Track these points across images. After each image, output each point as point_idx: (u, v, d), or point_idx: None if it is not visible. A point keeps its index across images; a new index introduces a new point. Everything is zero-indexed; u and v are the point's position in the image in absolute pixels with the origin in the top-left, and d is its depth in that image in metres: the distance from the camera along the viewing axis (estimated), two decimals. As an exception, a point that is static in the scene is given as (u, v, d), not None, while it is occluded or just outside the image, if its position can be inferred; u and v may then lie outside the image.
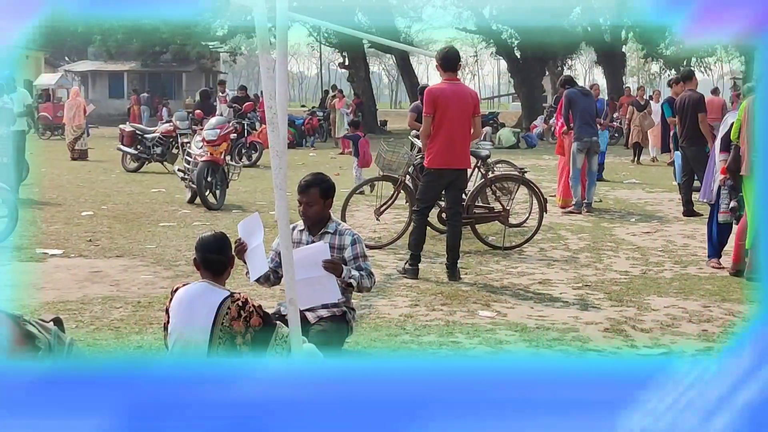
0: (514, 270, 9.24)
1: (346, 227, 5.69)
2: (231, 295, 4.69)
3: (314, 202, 5.61)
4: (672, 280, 8.74)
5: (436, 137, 8.66)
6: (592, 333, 6.85)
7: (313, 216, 5.61)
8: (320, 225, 5.62)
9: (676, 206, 13.94)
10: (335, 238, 5.58)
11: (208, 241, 4.86)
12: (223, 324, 4.58)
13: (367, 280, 5.53)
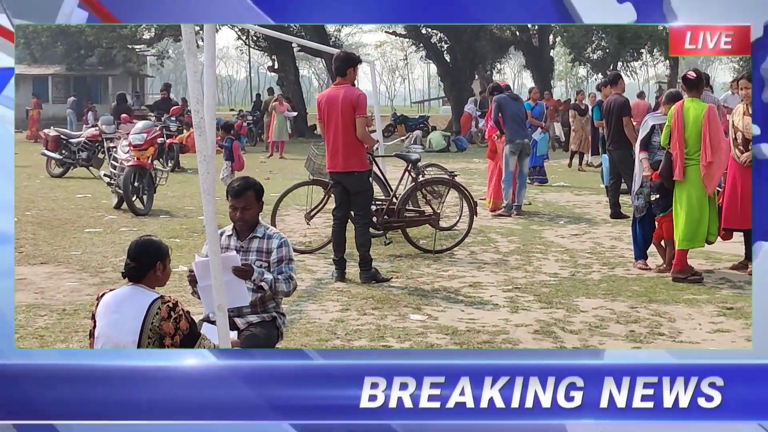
0: (444, 273, 9.27)
1: (275, 231, 5.63)
2: (161, 297, 4.63)
3: (251, 205, 5.53)
4: (600, 282, 8.84)
5: (326, 142, 8.93)
6: (522, 335, 6.90)
7: (250, 219, 5.53)
8: (249, 230, 5.54)
9: (603, 209, 14.11)
10: (263, 243, 5.51)
11: (129, 247, 4.78)
12: (153, 324, 4.52)
13: (283, 284, 5.45)
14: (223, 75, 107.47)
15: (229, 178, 14.87)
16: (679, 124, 8.74)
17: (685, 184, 8.75)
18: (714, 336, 6.92)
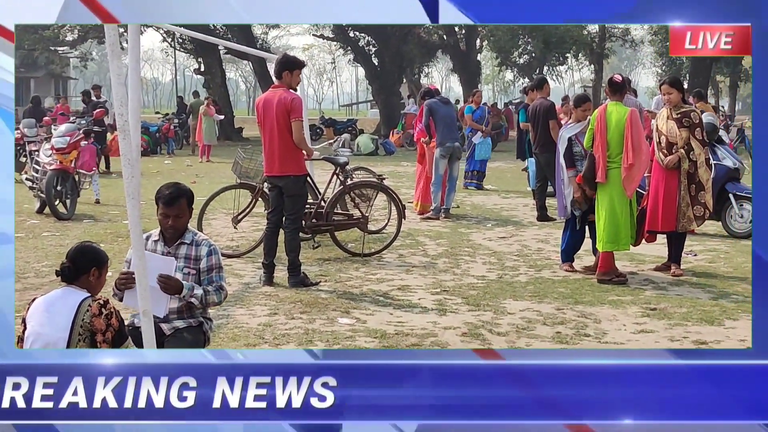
0: (373, 276, 9.27)
1: (204, 238, 5.52)
2: (92, 296, 4.59)
3: (183, 213, 5.40)
4: (527, 284, 8.92)
5: (263, 145, 8.93)
6: (450, 338, 6.93)
7: (181, 227, 5.42)
8: (178, 236, 5.43)
9: (530, 211, 14.25)
10: (192, 249, 5.41)
11: (70, 249, 4.78)
12: (84, 321, 4.48)
13: (214, 295, 5.37)
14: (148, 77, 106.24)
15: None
16: (601, 127, 8.88)
17: (606, 186, 8.89)
18: (638, 336, 7.03)
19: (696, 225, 9.32)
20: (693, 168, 9.15)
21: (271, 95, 8.83)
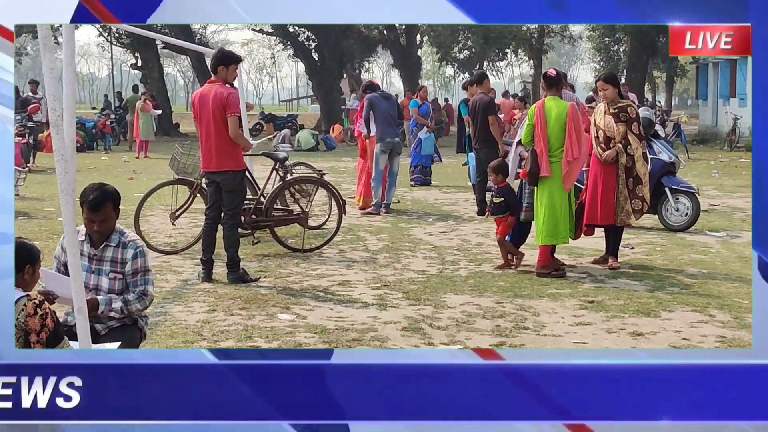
0: (313, 272, 9.23)
1: (131, 239, 5.38)
2: (27, 295, 4.51)
3: (109, 217, 5.29)
4: (467, 278, 8.95)
5: (200, 141, 8.86)
6: (390, 332, 6.93)
7: (107, 231, 5.32)
8: (103, 238, 5.32)
9: (471, 206, 14.32)
10: (118, 252, 5.30)
11: None
12: (18, 320, 4.39)
13: (137, 303, 5.26)
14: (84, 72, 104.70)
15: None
16: (541, 121, 8.93)
17: (546, 180, 8.95)
18: (576, 329, 7.09)
19: (634, 218, 9.45)
20: (630, 162, 9.26)
21: (207, 90, 8.75)
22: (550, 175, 8.90)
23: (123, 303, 5.20)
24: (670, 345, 6.61)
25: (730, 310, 7.63)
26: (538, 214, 9.07)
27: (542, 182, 8.97)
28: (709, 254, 10.30)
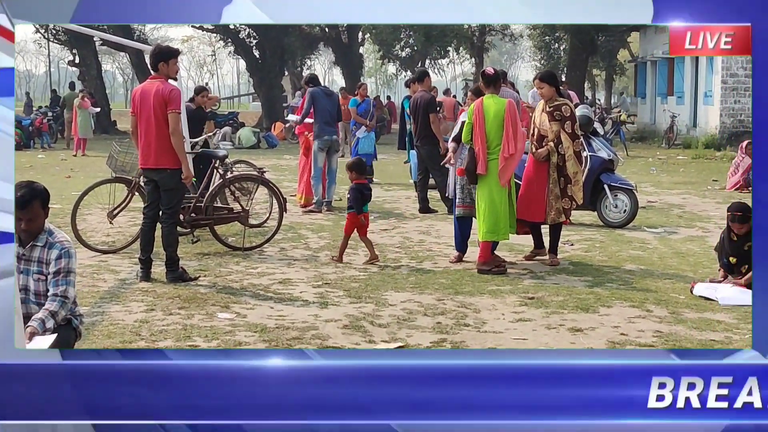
0: (254, 270, 9.16)
1: (59, 239, 5.25)
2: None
3: (37, 216, 5.17)
4: (408, 276, 8.95)
5: (139, 137, 8.70)
6: (331, 330, 6.89)
7: (35, 230, 5.19)
8: (31, 238, 5.20)
9: (412, 203, 14.33)
10: (44, 252, 5.17)
11: None
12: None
13: (61, 310, 5.07)
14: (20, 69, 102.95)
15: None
16: (479, 119, 8.97)
17: (486, 178, 8.99)
18: (516, 325, 7.12)
19: (564, 217, 9.50)
20: (562, 161, 9.34)
21: (148, 86, 8.63)
22: (487, 173, 8.94)
23: (52, 317, 5.06)
24: (608, 341, 6.66)
25: (667, 306, 7.72)
26: (479, 211, 9.11)
27: (482, 180, 9.01)
28: (646, 250, 10.42)
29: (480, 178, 9.03)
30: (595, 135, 12.53)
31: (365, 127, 17.62)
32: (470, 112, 9.10)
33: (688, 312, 7.51)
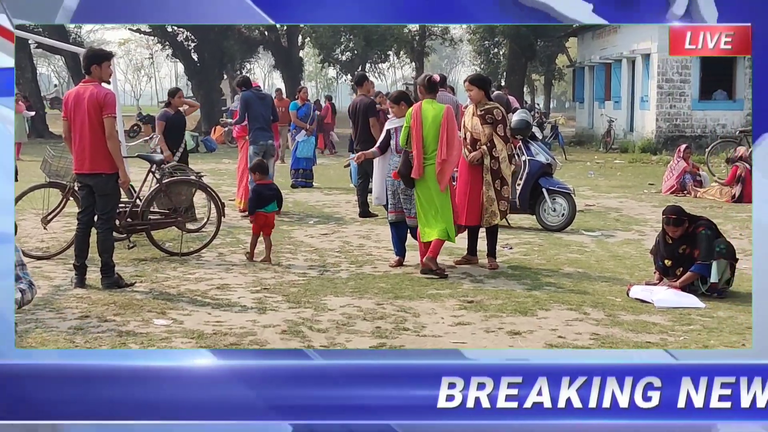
0: (191, 276, 9.06)
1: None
2: None
3: None
4: (348, 280, 8.92)
5: (73, 142, 8.55)
6: (269, 336, 6.84)
7: None
8: None
9: (353, 208, 14.29)
10: None
11: None
12: None
13: (29, 293, 5.08)
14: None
15: None
16: (417, 124, 8.97)
17: (424, 182, 8.99)
18: (455, 329, 7.12)
19: (499, 220, 9.53)
20: (496, 164, 9.38)
21: (82, 90, 8.48)
22: (423, 178, 8.95)
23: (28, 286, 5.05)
24: (546, 343, 6.70)
25: (603, 308, 7.78)
26: (424, 216, 9.04)
27: (422, 185, 9.00)
28: (584, 253, 10.51)
29: (418, 183, 9.01)
30: (534, 139, 12.62)
31: (305, 131, 17.55)
32: (408, 117, 9.10)
33: (624, 314, 7.58)
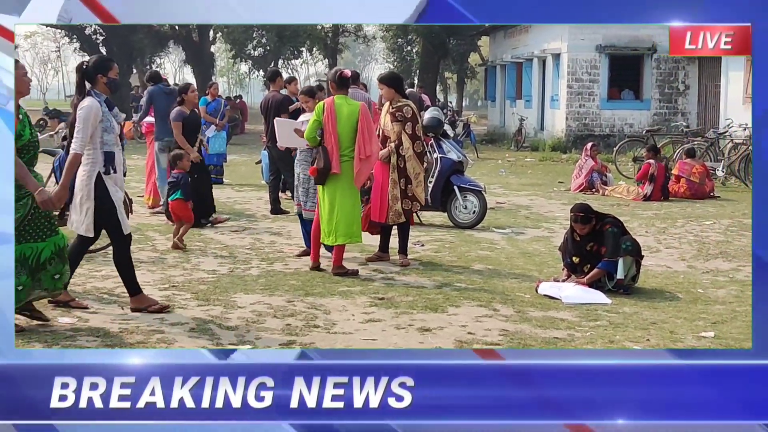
0: (98, 273, 8.88)
1: None
2: None
3: None
4: (258, 277, 8.84)
5: None
6: (177, 334, 6.73)
7: None
8: None
9: (264, 204, 14.19)
10: None
11: None
12: None
13: None
14: None
15: None
16: (332, 119, 8.87)
17: (338, 179, 8.91)
18: (366, 326, 7.11)
19: (404, 218, 9.53)
20: (402, 162, 9.40)
21: None
22: (340, 174, 8.88)
23: None
24: (456, 340, 6.73)
25: (513, 305, 7.86)
26: (329, 215, 8.96)
27: (333, 181, 8.92)
28: (495, 251, 10.60)
29: (334, 179, 8.91)
30: (446, 137, 12.69)
31: (215, 127, 17.35)
32: (319, 110, 8.99)
33: (533, 311, 7.67)
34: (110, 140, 7.16)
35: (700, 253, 10.69)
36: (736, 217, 13.80)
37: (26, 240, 6.61)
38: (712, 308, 7.92)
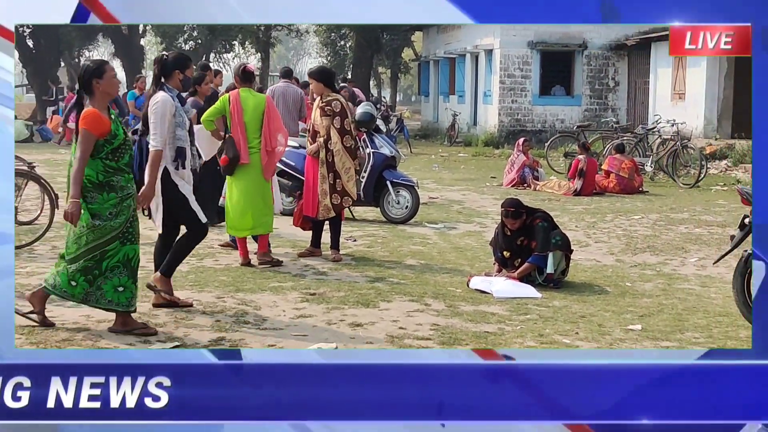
0: (22, 270, 8.69)
1: None
2: None
3: None
4: (188, 273, 8.72)
5: None
6: (104, 331, 6.61)
7: None
8: None
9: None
10: None
11: None
12: None
13: None
14: None
15: None
16: (238, 110, 8.88)
17: (247, 171, 8.88)
18: (297, 321, 7.06)
19: (333, 213, 9.49)
20: (331, 157, 9.37)
21: None
22: (248, 165, 8.86)
23: None
24: (387, 335, 6.71)
25: (444, 299, 7.87)
26: (238, 205, 8.93)
27: (242, 172, 8.88)
28: (427, 245, 10.62)
29: (242, 171, 8.87)
30: (378, 132, 12.67)
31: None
32: (224, 100, 8.98)
33: (464, 305, 7.68)
34: (182, 135, 7.19)
35: (628, 247, 10.82)
36: (663, 212, 14.01)
37: (130, 242, 6.71)
38: (639, 301, 8.02)
